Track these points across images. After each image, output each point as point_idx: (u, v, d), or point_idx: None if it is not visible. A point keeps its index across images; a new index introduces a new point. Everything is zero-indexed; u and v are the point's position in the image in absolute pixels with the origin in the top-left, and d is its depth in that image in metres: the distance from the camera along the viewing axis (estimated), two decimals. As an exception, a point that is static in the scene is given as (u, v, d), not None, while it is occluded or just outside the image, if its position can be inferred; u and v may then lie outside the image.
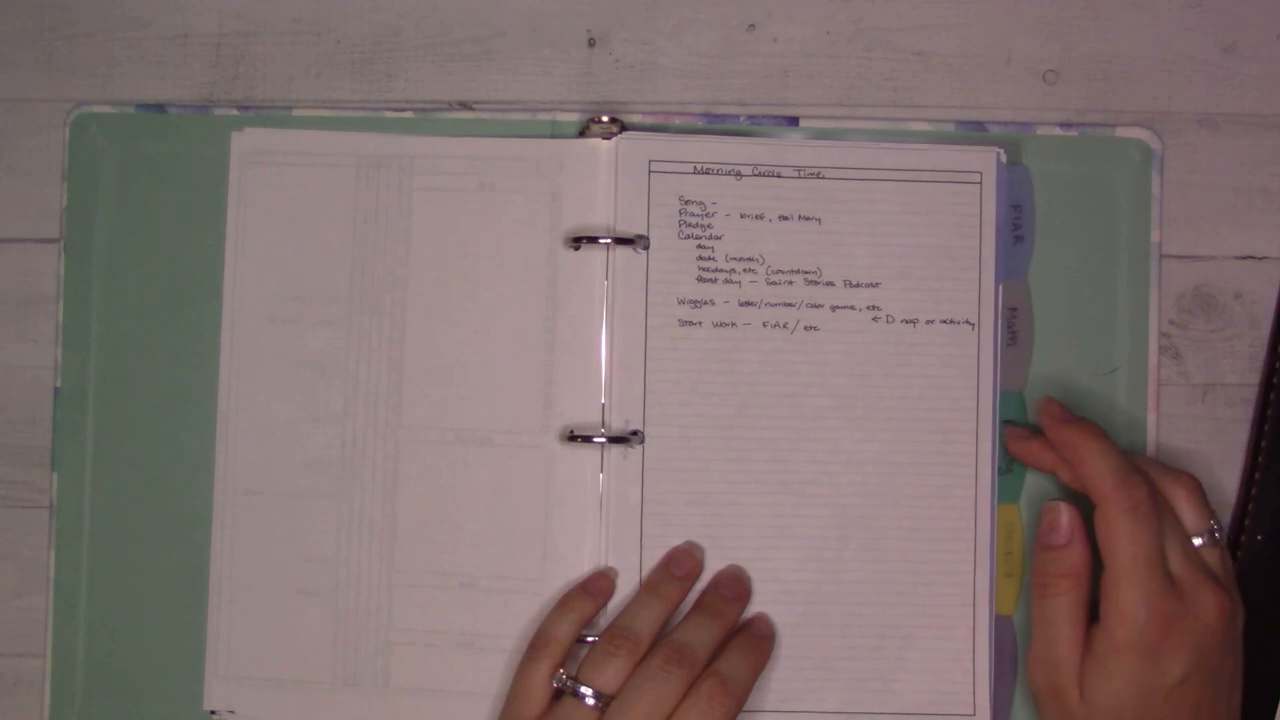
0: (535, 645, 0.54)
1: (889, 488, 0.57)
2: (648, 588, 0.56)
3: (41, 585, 0.60)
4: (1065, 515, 0.53)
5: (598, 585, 0.56)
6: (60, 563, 0.60)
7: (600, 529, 0.57)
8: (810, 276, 0.57)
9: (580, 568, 0.57)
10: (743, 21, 0.61)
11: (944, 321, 0.57)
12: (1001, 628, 0.58)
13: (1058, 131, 0.59)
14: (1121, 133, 0.59)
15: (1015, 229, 0.59)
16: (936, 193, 0.57)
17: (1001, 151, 0.58)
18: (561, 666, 0.54)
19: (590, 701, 0.52)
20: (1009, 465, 0.58)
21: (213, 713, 0.59)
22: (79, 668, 0.59)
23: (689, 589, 0.56)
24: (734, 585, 0.57)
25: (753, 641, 0.55)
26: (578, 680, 0.53)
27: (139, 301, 0.60)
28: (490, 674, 0.58)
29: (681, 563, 0.56)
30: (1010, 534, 0.58)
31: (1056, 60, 0.60)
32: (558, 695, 0.53)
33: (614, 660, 0.53)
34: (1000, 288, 0.58)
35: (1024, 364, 0.59)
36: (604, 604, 0.56)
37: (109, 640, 0.59)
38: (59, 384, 0.60)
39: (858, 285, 0.57)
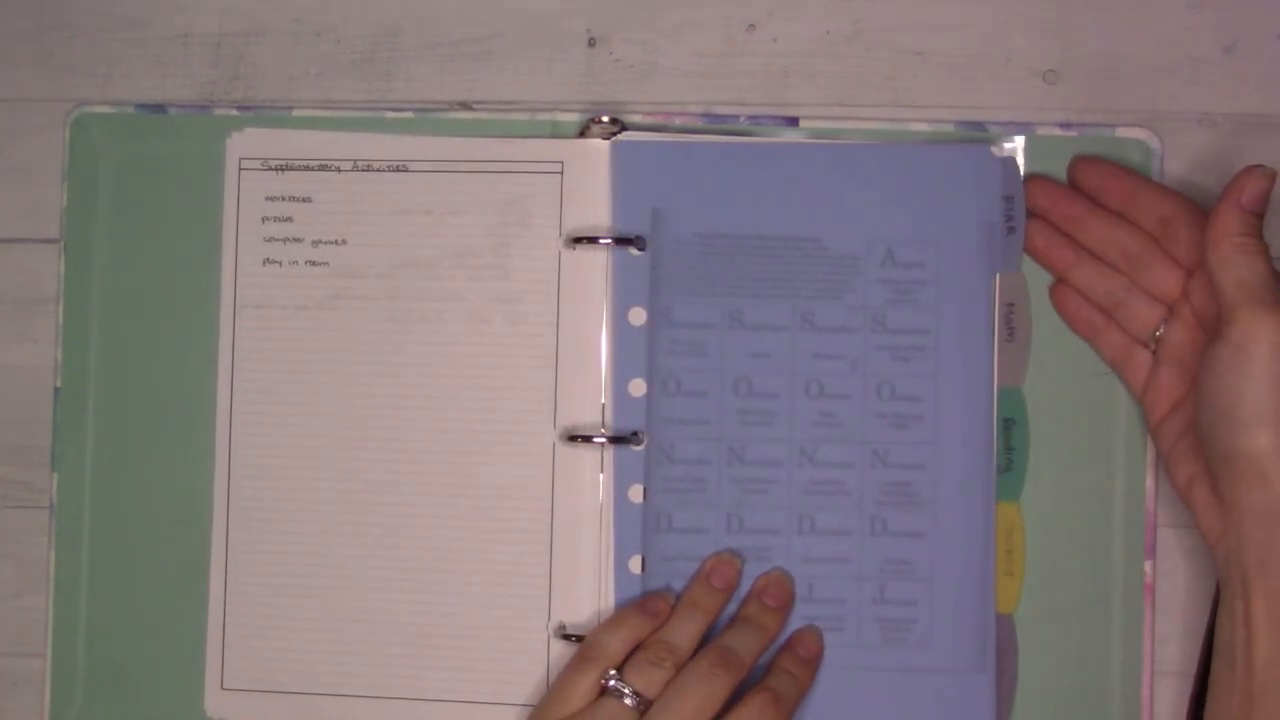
0: (584, 655, 0.55)
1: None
2: (688, 602, 0.57)
3: (41, 585, 0.61)
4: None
5: (655, 606, 0.57)
6: (60, 563, 0.61)
7: (600, 529, 0.59)
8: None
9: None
10: (743, 21, 0.62)
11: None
12: (1002, 627, 0.59)
13: (1058, 131, 0.61)
14: (1121, 133, 0.61)
15: (1007, 220, 0.60)
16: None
17: (994, 147, 0.59)
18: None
19: (629, 702, 0.54)
20: (1009, 464, 0.60)
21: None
22: (79, 668, 0.61)
23: (728, 599, 0.58)
24: (777, 592, 0.58)
25: (801, 664, 0.57)
26: (623, 681, 0.54)
27: (139, 301, 0.62)
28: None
29: (721, 574, 0.58)
30: (1010, 533, 0.60)
31: (1056, 60, 0.61)
32: (598, 695, 0.55)
33: (657, 669, 0.54)
34: (997, 280, 0.59)
35: (1023, 360, 0.60)
36: (659, 626, 0.56)
37: (109, 640, 0.61)
38: (59, 384, 0.62)
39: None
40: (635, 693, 0.54)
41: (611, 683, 0.54)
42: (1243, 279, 0.52)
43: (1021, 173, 0.60)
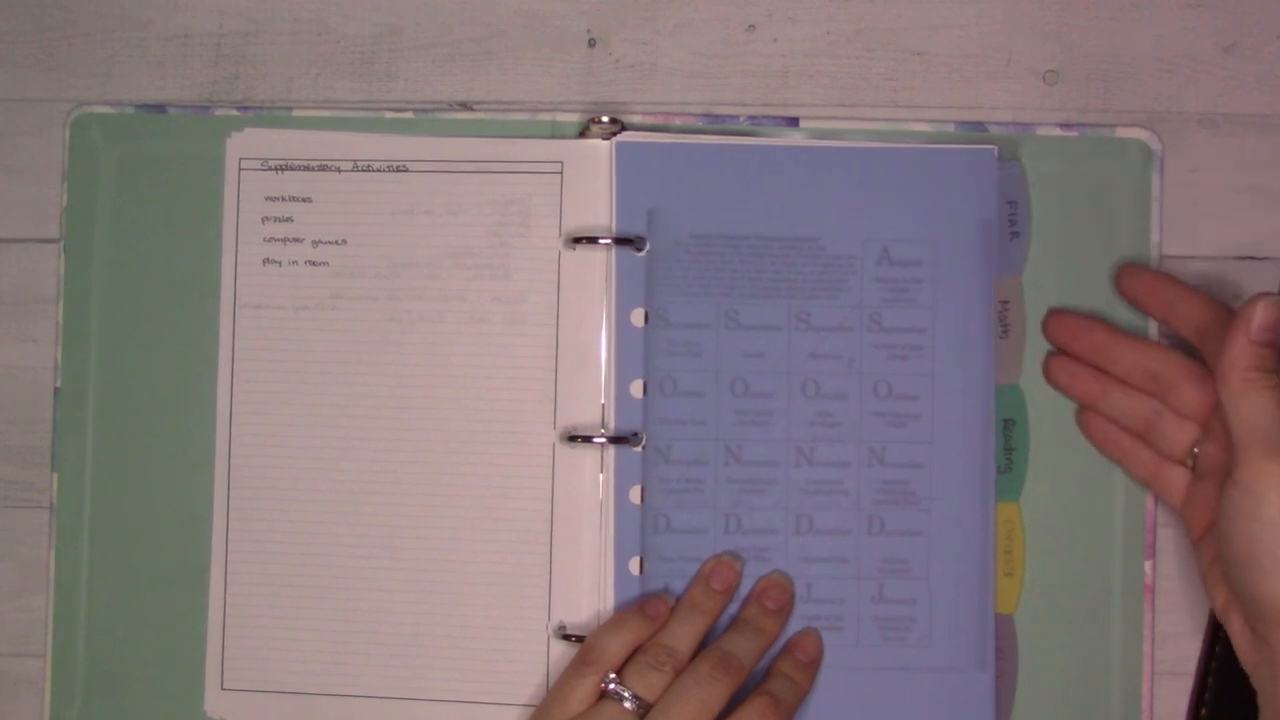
0: (584, 658, 0.56)
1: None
2: (688, 605, 0.58)
3: (41, 585, 0.62)
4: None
5: (654, 608, 0.57)
6: (60, 563, 0.61)
7: (600, 529, 0.59)
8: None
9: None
10: (743, 21, 0.63)
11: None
12: (1001, 627, 0.60)
13: (1058, 131, 0.61)
14: (1121, 133, 0.61)
15: (1011, 225, 0.61)
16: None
17: (995, 148, 0.60)
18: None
19: (629, 705, 0.54)
20: (1008, 464, 0.61)
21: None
22: (79, 668, 0.61)
23: (728, 601, 0.58)
24: (776, 595, 0.59)
25: (800, 667, 0.58)
26: (623, 684, 0.55)
27: (139, 301, 0.62)
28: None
29: (721, 576, 0.58)
30: (1010, 533, 0.60)
31: (1056, 60, 0.62)
32: (598, 699, 0.55)
33: (656, 673, 0.55)
34: (992, 283, 0.60)
35: (1018, 358, 0.60)
36: (658, 628, 0.57)
37: (109, 640, 0.61)
38: (59, 384, 0.62)
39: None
40: (635, 696, 0.54)
41: (611, 686, 0.55)
42: (1252, 419, 0.51)
43: (1026, 175, 0.61)
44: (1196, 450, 0.56)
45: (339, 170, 0.61)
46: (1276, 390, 0.52)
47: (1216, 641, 0.59)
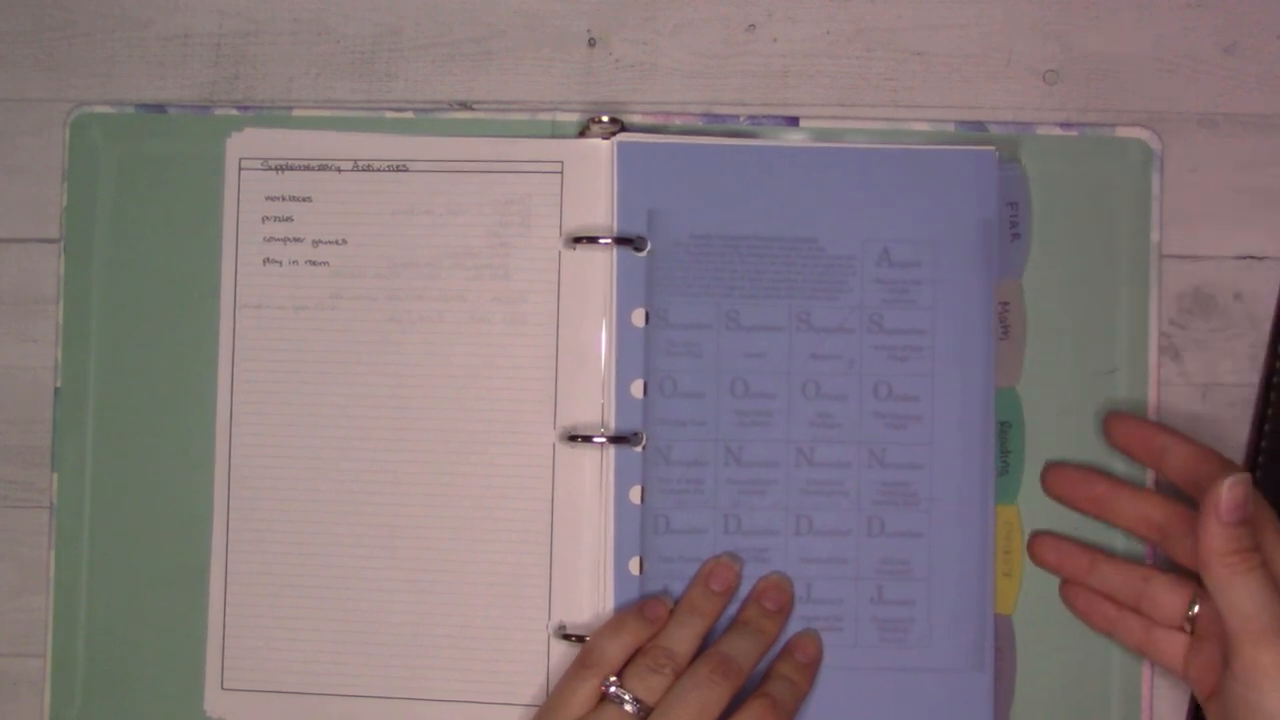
0: (584, 661, 0.56)
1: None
2: (687, 607, 0.58)
3: (41, 585, 0.62)
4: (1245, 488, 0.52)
5: (653, 610, 0.57)
6: (60, 563, 0.62)
7: (601, 529, 0.60)
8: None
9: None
10: (743, 21, 0.63)
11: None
12: (1000, 627, 0.60)
13: (1058, 131, 0.61)
14: (1121, 133, 0.61)
15: (1012, 227, 0.61)
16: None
17: (995, 149, 0.60)
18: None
19: (629, 709, 0.54)
20: (1004, 467, 0.61)
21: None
22: (79, 668, 0.61)
23: (728, 602, 0.59)
24: (776, 596, 0.59)
25: (799, 669, 0.58)
26: (623, 688, 0.55)
27: (139, 301, 0.62)
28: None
29: (720, 577, 0.58)
30: (1009, 534, 0.60)
31: (1056, 60, 0.62)
32: (598, 702, 0.55)
33: (656, 676, 0.55)
34: (993, 285, 0.60)
35: (1018, 360, 0.61)
36: (657, 631, 0.57)
37: (109, 640, 0.61)
38: (59, 384, 0.62)
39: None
40: (635, 699, 0.55)
41: (612, 689, 0.55)
42: (1239, 605, 0.51)
43: (1027, 177, 0.61)
44: (1195, 610, 0.55)
45: (339, 170, 0.62)
46: (1259, 570, 0.51)
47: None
